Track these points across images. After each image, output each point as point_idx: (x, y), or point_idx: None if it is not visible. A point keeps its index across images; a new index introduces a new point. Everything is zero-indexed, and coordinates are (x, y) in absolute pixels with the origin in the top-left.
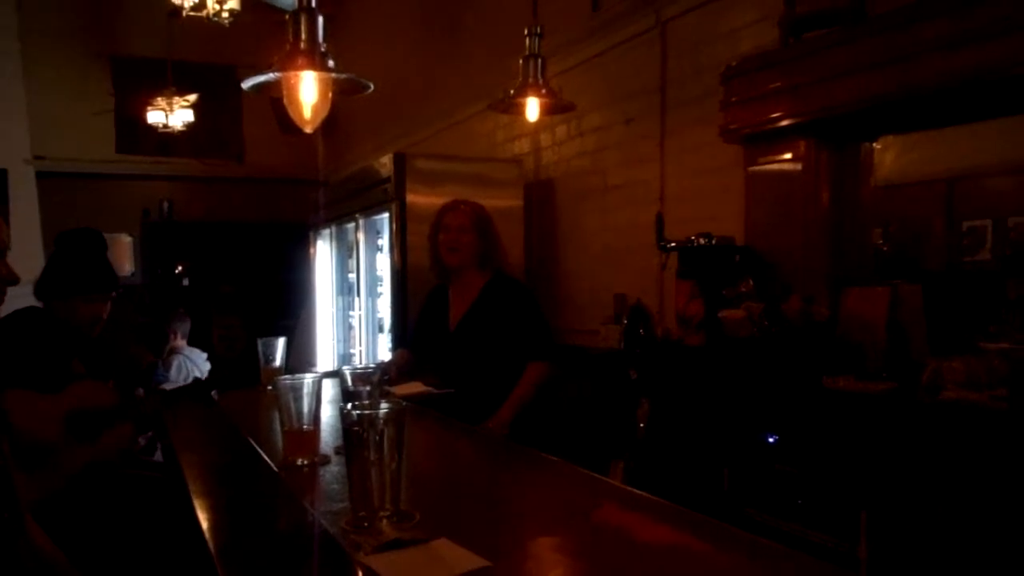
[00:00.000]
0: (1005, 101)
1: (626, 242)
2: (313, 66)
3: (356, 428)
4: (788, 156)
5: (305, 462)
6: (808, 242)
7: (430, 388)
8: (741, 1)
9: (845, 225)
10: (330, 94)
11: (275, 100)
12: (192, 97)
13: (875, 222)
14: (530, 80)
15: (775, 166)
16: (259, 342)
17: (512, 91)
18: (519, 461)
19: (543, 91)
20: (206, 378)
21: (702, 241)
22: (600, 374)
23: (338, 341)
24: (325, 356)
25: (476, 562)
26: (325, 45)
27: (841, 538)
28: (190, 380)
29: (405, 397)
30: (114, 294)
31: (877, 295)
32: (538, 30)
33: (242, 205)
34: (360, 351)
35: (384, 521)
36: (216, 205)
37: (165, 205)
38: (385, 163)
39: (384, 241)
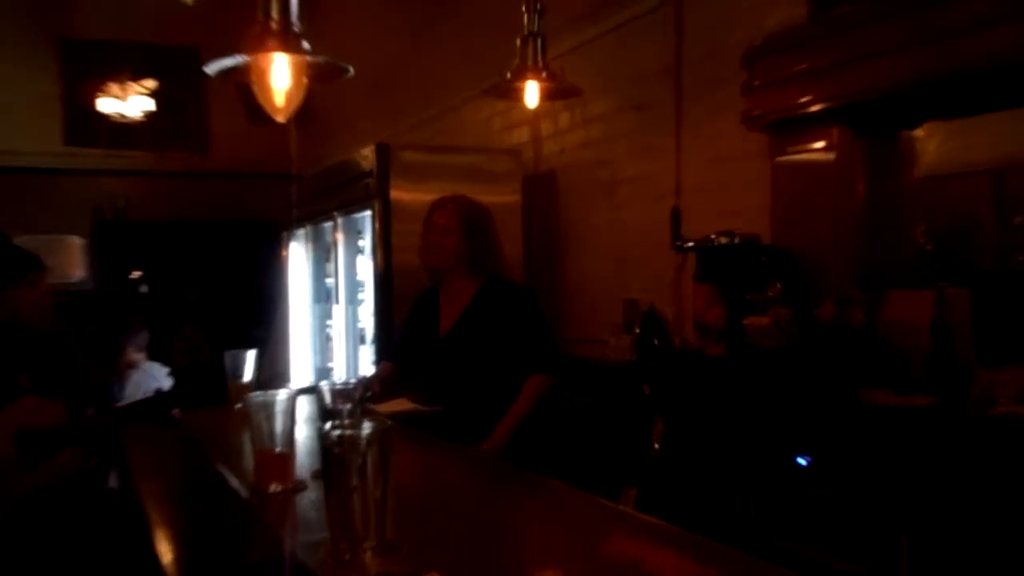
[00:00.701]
0: None
1: (638, 241)
2: (285, 48)
3: (336, 450)
4: (819, 145)
5: (279, 488)
6: (842, 240)
7: (418, 405)
8: None
9: (884, 221)
10: (305, 79)
11: (243, 86)
12: (150, 83)
13: (917, 217)
14: (529, 62)
15: (804, 156)
16: (226, 355)
17: (509, 74)
18: (518, 487)
19: (544, 74)
20: (167, 393)
21: (723, 240)
22: (609, 389)
23: (314, 354)
24: (300, 370)
25: None
26: (299, 24)
27: (880, 569)
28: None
29: (390, 415)
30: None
31: (920, 299)
32: (538, 6)
33: (207, 203)
34: (339, 365)
35: (368, 554)
36: (178, 203)
37: (120, 203)
38: (367, 155)
39: (366, 242)
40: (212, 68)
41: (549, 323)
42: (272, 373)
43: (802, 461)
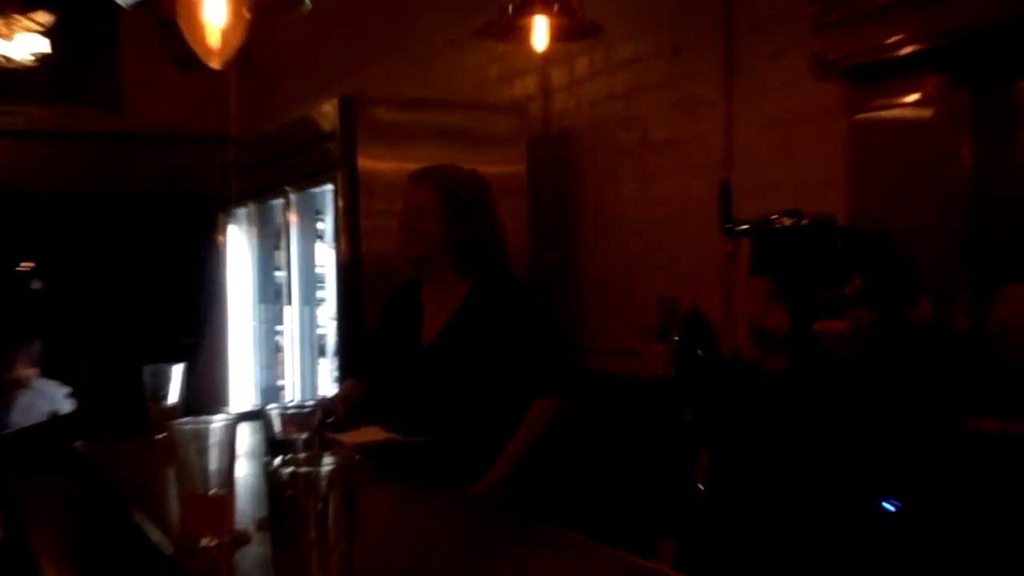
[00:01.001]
0: None
1: (676, 224)
2: None
3: (288, 493)
4: (912, 98)
5: (212, 542)
6: (943, 221)
7: (393, 435)
8: None
9: (996, 195)
10: (246, 13)
11: (167, 24)
12: (44, 17)
13: None
14: None
15: (893, 112)
16: (145, 371)
17: (511, 8)
18: (522, 540)
19: (555, 8)
20: (67, 418)
21: (786, 221)
22: (639, 414)
23: (260, 368)
24: (241, 390)
25: None
26: None
27: None
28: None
29: (358, 448)
30: None
31: None
32: None
33: (120, 174)
34: (292, 383)
35: None
36: (82, 174)
37: (5, 173)
38: (328, 112)
39: (326, 225)
40: None
41: (562, 330)
42: (205, 394)
43: (889, 507)
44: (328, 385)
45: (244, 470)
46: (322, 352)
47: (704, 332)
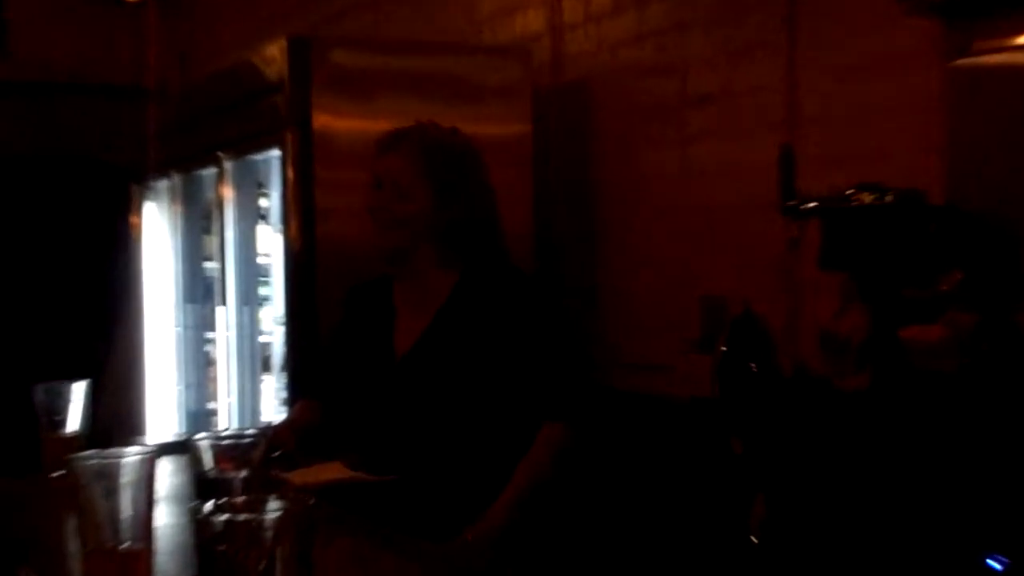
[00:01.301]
0: None
1: (723, 201)
2: None
3: (223, 548)
4: None
5: None
6: None
7: (358, 472)
8: None
9: None
10: None
11: None
12: None
13: None
14: None
15: (1003, 57)
16: (36, 390)
17: None
18: None
19: None
20: None
21: (866, 198)
22: (676, 446)
23: (186, 387)
24: (162, 415)
25: None
26: None
27: None
28: None
29: (314, 489)
30: None
31: None
32: None
33: (5, 133)
34: (228, 405)
35: None
36: None
37: None
38: (274, 57)
39: (272, 203)
40: None
41: (576, 337)
42: (115, 419)
43: (995, 564)
44: (274, 408)
45: (166, 518)
46: (266, 366)
47: (759, 340)
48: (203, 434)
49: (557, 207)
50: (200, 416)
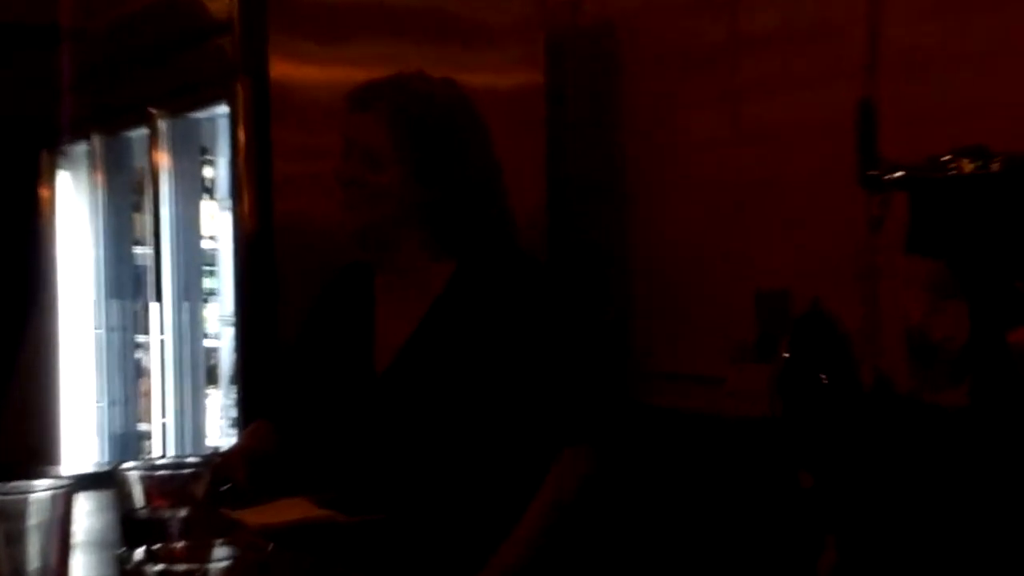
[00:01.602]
0: None
1: (785, 171)
2: None
3: None
4: None
5: None
6: None
7: (328, 511)
8: None
9: None
10: None
11: None
12: None
13: None
14: None
15: None
16: None
17: None
18: None
19: None
20: None
21: (967, 165)
22: (727, 476)
23: (110, 405)
24: (80, 439)
25: None
26: None
27: None
28: None
29: (273, 532)
30: None
31: None
32: None
33: None
34: (163, 426)
35: None
36: None
37: None
38: None
39: (218, 173)
40: None
41: (601, 342)
42: (20, 444)
43: None
44: (222, 431)
45: (85, 568)
46: (212, 377)
47: (831, 345)
48: (132, 463)
49: (577, 180)
50: (128, 440)
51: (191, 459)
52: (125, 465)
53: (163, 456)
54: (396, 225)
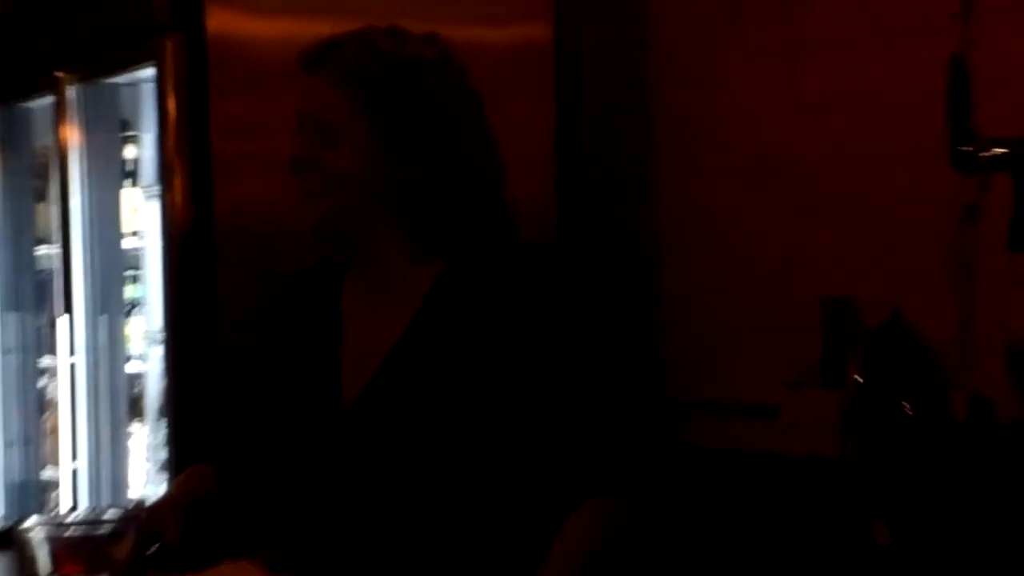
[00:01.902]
0: None
1: (855, 146)
2: None
3: None
4: None
5: None
6: None
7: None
8: None
9: None
10: None
11: None
12: None
13: None
14: None
15: None
16: None
17: None
18: None
19: None
20: None
21: None
22: (786, 529)
23: (7, 445)
24: None
25: None
26: None
27: None
28: None
29: None
30: None
31: None
32: None
33: None
34: (74, 472)
35: None
36: None
37: None
38: None
39: (144, 152)
40: None
41: (626, 361)
42: None
43: None
44: (148, 477)
45: None
46: (136, 410)
47: (914, 365)
48: (35, 520)
49: (593, 160)
50: (30, 491)
51: (110, 513)
52: (27, 522)
53: (74, 510)
54: (364, 216)
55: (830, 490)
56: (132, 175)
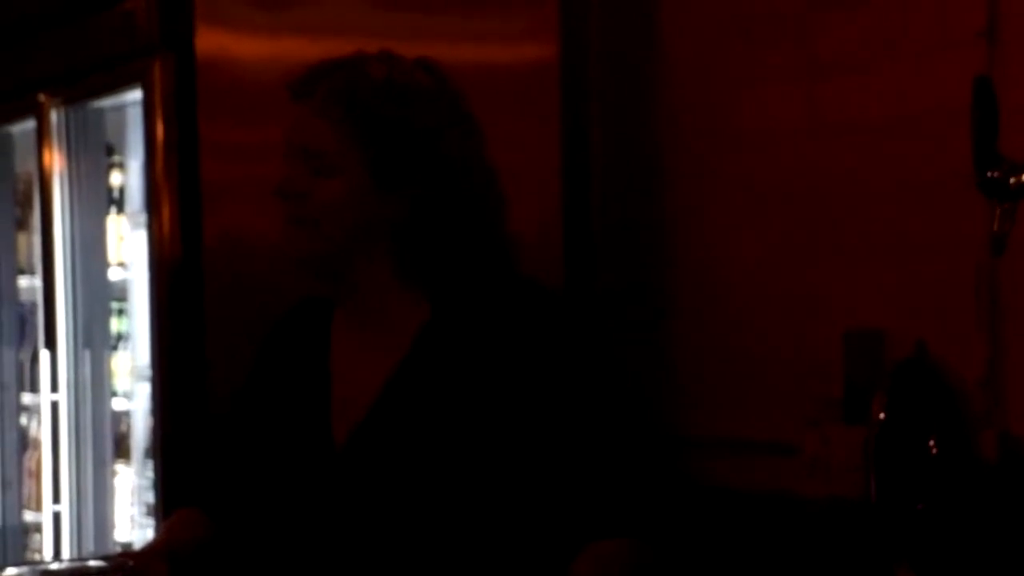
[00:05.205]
0: None
1: (877, 172)
2: None
3: None
4: None
5: None
6: None
7: None
8: None
9: None
10: None
11: None
12: None
13: None
14: None
15: None
16: None
17: None
18: None
19: None
20: None
21: None
22: (805, 569)
23: None
24: None
25: None
26: None
27: None
28: None
29: None
30: None
31: None
32: None
33: None
34: (56, 516)
35: None
36: None
37: None
38: None
39: (129, 178)
40: None
41: (636, 399)
42: None
43: None
44: (134, 522)
45: None
46: (121, 450)
47: (941, 402)
48: (15, 570)
49: (600, 186)
50: (10, 536)
51: (94, 562)
52: (6, 572)
53: (57, 558)
54: (349, 249)
55: (852, 532)
56: (118, 203)
